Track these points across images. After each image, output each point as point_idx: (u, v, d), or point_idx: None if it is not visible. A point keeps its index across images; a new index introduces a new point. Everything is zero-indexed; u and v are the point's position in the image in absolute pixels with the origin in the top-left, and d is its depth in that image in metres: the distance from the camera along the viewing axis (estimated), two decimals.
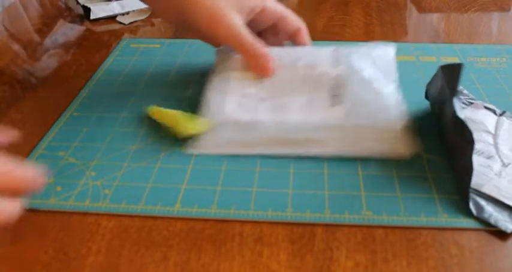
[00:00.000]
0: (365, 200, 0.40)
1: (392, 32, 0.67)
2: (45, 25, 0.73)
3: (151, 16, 0.74)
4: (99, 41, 0.67)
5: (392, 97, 0.46)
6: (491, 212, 0.38)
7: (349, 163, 0.43)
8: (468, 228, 0.37)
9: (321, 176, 0.42)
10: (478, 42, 0.64)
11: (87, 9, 0.73)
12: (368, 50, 0.50)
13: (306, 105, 0.45)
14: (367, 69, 0.47)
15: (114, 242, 0.37)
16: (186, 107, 0.51)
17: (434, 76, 0.47)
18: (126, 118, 0.50)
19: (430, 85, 0.49)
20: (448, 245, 0.36)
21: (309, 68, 0.47)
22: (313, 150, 0.43)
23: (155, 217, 0.39)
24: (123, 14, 0.74)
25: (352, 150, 0.43)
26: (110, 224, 0.38)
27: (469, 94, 0.50)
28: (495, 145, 0.42)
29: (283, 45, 0.54)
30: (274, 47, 0.50)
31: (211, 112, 0.45)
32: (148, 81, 0.56)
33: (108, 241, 0.37)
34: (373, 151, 0.42)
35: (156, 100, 0.52)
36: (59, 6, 0.80)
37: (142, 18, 0.74)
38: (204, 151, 0.44)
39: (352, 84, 0.45)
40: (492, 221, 0.37)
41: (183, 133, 0.44)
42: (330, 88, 0.45)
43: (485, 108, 0.47)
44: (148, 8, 0.75)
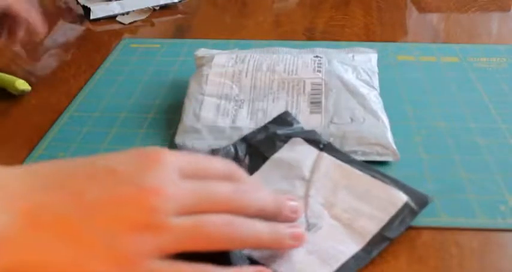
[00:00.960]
0: None
1: (392, 32, 0.67)
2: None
3: (151, 16, 0.74)
4: (99, 41, 0.67)
5: (374, 104, 0.46)
6: None
7: None
8: (468, 228, 0.37)
9: None
10: (478, 42, 0.64)
11: (87, 9, 0.73)
12: (350, 55, 0.50)
13: (286, 108, 0.45)
14: (349, 76, 0.47)
15: None
16: None
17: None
18: (126, 118, 0.50)
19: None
20: (448, 245, 0.36)
21: (288, 73, 0.47)
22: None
23: None
24: (123, 14, 0.74)
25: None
26: None
27: (293, 121, 0.44)
28: (305, 198, 0.37)
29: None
30: (255, 50, 0.50)
31: (189, 119, 0.45)
32: (148, 81, 0.56)
33: None
34: (357, 156, 0.42)
35: (155, 100, 0.52)
36: (59, 6, 0.80)
37: (142, 18, 0.74)
38: (186, 149, 0.44)
39: (332, 90, 0.46)
40: None
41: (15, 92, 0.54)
42: (310, 94, 0.46)
43: (307, 141, 0.42)
44: (148, 8, 0.75)
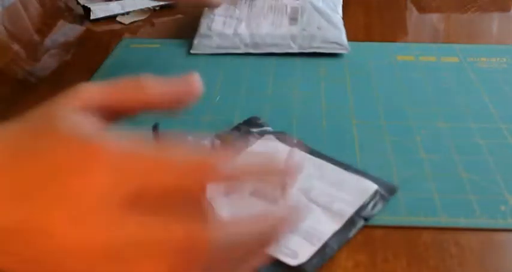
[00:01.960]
0: None
1: (392, 32, 0.67)
2: (45, 25, 0.73)
3: (151, 16, 0.74)
4: (99, 41, 0.67)
5: (335, 20, 0.64)
6: None
7: (349, 164, 0.43)
8: (468, 228, 0.37)
9: None
10: (478, 42, 0.64)
11: (87, 10, 0.73)
12: None
13: (272, 23, 0.64)
14: (319, 3, 0.67)
15: None
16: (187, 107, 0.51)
17: None
18: (126, 118, 0.50)
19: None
20: (448, 245, 0.36)
21: (276, 0, 0.68)
22: (277, 51, 0.62)
23: None
24: (123, 14, 0.74)
25: (306, 50, 0.61)
26: None
27: (263, 124, 0.47)
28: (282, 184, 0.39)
29: None
30: None
31: (203, 29, 0.64)
32: None
33: None
34: (321, 47, 0.61)
35: None
36: (59, 6, 0.80)
37: (142, 18, 0.74)
38: (200, 52, 0.62)
39: (306, 11, 0.66)
40: None
41: None
42: (289, 14, 0.66)
43: (278, 139, 0.45)
44: (148, 8, 0.75)
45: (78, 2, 0.75)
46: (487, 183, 0.41)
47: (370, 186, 0.40)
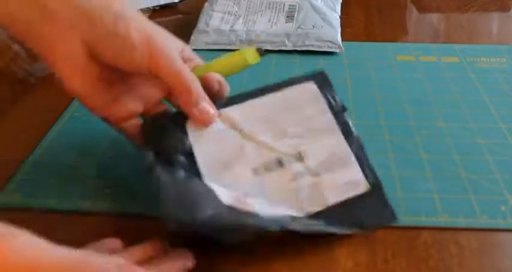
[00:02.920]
0: None
1: (393, 32, 0.67)
2: None
3: (151, 16, 0.74)
4: None
5: (331, 19, 0.65)
6: (360, 216, 0.36)
7: None
8: (468, 228, 0.37)
9: None
10: (478, 42, 0.64)
11: None
12: None
13: (269, 20, 0.66)
14: (317, 2, 0.69)
15: None
16: None
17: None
18: None
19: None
20: (448, 245, 0.36)
21: None
22: (271, 48, 0.61)
23: (156, 217, 0.39)
24: None
25: (299, 47, 0.61)
26: (111, 224, 0.38)
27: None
28: (260, 144, 0.39)
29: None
30: None
31: (201, 25, 0.65)
32: None
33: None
34: (315, 45, 0.61)
35: None
36: None
37: None
38: (196, 48, 0.62)
39: (303, 9, 0.67)
40: (370, 226, 0.36)
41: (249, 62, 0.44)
42: (286, 11, 0.67)
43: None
44: (148, 8, 0.75)
45: None
46: (487, 183, 0.41)
47: (361, 181, 0.38)
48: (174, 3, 0.77)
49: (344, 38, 0.65)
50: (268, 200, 0.36)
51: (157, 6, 0.76)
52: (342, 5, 0.72)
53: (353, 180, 0.38)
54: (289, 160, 0.38)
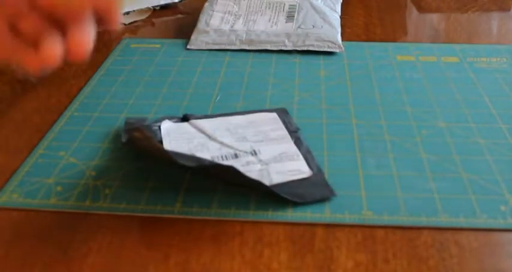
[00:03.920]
0: (365, 200, 0.40)
1: (393, 32, 0.67)
2: None
3: (151, 16, 0.74)
4: (99, 41, 0.67)
5: (332, 19, 0.66)
6: (303, 192, 0.40)
7: (349, 163, 0.43)
8: (468, 228, 0.37)
9: None
10: (478, 42, 0.64)
11: None
12: None
13: (269, 20, 0.66)
14: (317, 2, 0.69)
15: (115, 242, 0.37)
16: (187, 106, 0.51)
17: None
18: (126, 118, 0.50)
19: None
20: (448, 245, 0.36)
21: None
22: (271, 48, 0.62)
23: (155, 217, 0.39)
24: (123, 14, 0.74)
25: (299, 47, 0.62)
26: (110, 224, 0.38)
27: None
28: (222, 144, 0.45)
29: None
30: None
31: (201, 25, 0.66)
32: (148, 81, 0.56)
33: (108, 241, 0.37)
34: (315, 45, 0.62)
35: (155, 99, 0.52)
36: None
37: (143, 18, 0.74)
38: (196, 48, 0.63)
39: (303, 9, 0.68)
40: (311, 198, 0.39)
41: None
42: (287, 11, 0.68)
43: (169, 119, 0.48)
44: (148, 8, 0.75)
45: None
46: (487, 183, 0.41)
47: (305, 170, 0.42)
48: (174, 3, 0.77)
49: (344, 38, 0.65)
50: None
51: (157, 6, 0.76)
52: (342, 5, 0.72)
53: (297, 169, 0.42)
54: (244, 154, 0.44)
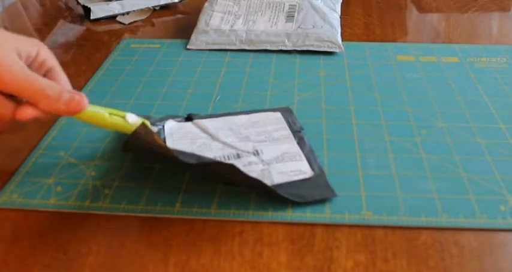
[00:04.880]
0: (365, 200, 0.40)
1: (393, 32, 0.67)
2: (45, 25, 0.73)
3: (151, 16, 0.74)
4: (99, 41, 0.67)
5: (331, 19, 0.66)
6: (303, 192, 0.40)
7: (349, 163, 0.43)
8: (468, 228, 0.37)
9: None
10: (478, 42, 0.64)
11: (88, 9, 0.73)
12: None
13: (269, 20, 0.66)
14: (318, 2, 0.69)
15: (114, 242, 0.37)
16: (187, 106, 0.51)
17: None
18: None
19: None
20: (448, 245, 0.36)
21: None
22: (271, 48, 0.62)
23: (155, 217, 0.39)
24: (123, 14, 0.74)
25: (299, 47, 0.62)
26: (110, 224, 0.38)
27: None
28: (225, 144, 0.45)
29: None
30: None
31: (201, 25, 0.66)
32: (148, 81, 0.56)
33: (108, 241, 0.37)
34: (315, 45, 0.62)
35: (156, 99, 0.52)
36: (59, 6, 0.80)
37: (143, 18, 0.74)
38: (196, 48, 0.63)
39: (303, 9, 0.68)
40: (311, 198, 0.39)
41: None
42: (287, 11, 0.68)
43: (173, 118, 0.48)
44: (148, 8, 0.75)
45: (78, 2, 0.75)
46: (487, 183, 0.41)
47: (307, 170, 0.42)
48: (174, 3, 0.77)
49: (344, 38, 0.65)
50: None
51: (157, 6, 0.76)
52: (342, 5, 0.72)
53: (299, 169, 0.42)
54: (246, 154, 0.43)
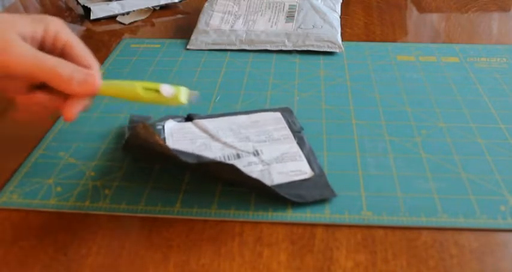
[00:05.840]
0: (365, 200, 0.40)
1: (393, 32, 0.67)
2: None
3: (151, 16, 0.74)
4: (100, 41, 0.67)
5: (332, 19, 0.66)
6: (303, 192, 0.40)
7: (349, 163, 0.43)
8: (468, 228, 0.37)
9: None
10: (478, 42, 0.64)
11: (88, 9, 0.73)
12: None
13: (269, 20, 0.66)
14: (318, 2, 0.69)
15: (114, 243, 0.37)
16: (187, 106, 0.51)
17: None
18: (126, 118, 0.50)
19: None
20: (448, 245, 0.36)
21: None
22: (271, 48, 0.62)
23: (155, 218, 0.39)
24: (123, 14, 0.74)
25: (299, 47, 0.62)
26: (110, 224, 0.38)
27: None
28: (225, 144, 0.45)
29: None
30: None
31: (201, 25, 0.66)
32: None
33: (108, 241, 0.37)
34: (315, 45, 0.62)
35: None
36: (59, 6, 0.80)
37: (143, 18, 0.74)
38: (196, 48, 0.63)
39: (303, 10, 0.68)
40: (311, 199, 0.39)
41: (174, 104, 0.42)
42: (287, 11, 0.68)
43: (172, 118, 0.48)
44: (148, 8, 0.75)
45: (78, 2, 0.75)
46: (487, 183, 0.41)
47: (307, 171, 0.42)
48: (174, 3, 0.77)
49: (344, 38, 0.65)
50: None
51: (158, 6, 0.76)
52: (342, 5, 0.72)
53: (299, 169, 0.42)
54: (246, 155, 0.43)
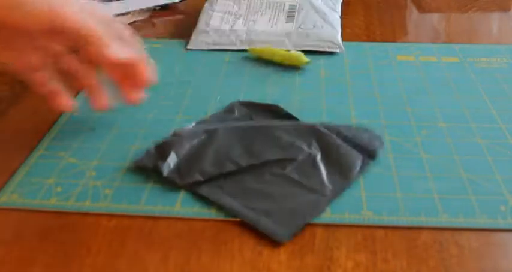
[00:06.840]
0: (365, 200, 0.40)
1: (393, 32, 0.67)
2: None
3: (151, 16, 0.74)
4: None
5: (332, 19, 0.66)
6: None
7: None
8: (468, 228, 0.37)
9: None
10: (478, 42, 0.64)
11: None
12: None
13: (269, 20, 0.66)
14: (318, 2, 0.69)
15: (114, 243, 0.37)
16: (187, 106, 0.51)
17: None
18: (127, 118, 0.50)
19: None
20: (448, 245, 0.36)
21: None
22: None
23: (155, 217, 0.39)
24: (123, 14, 0.74)
25: (299, 47, 0.61)
26: (110, 224, 0.38)
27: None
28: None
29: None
30: None
31: (201, 25, 0.66)
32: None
33: (108, 241, 0.37)
34: (315, 45, 0.62)
35: (156, 99, 0.52)
36: None
37: (143, 18, 0.74)
38: (196, 48, 0.63)
39: (303, 9, 0.68)
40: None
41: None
42: (287, 11, 0.68)
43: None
44: (148, 8, 0.75)
45: None
46: (487, 183, 0.41)
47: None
48: (174, 3, 0.77)
49: (344, 38, 0.65)
50: None
51: (158, 6, 0.76)
52: (342, 5, 0.72)
53: None
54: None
